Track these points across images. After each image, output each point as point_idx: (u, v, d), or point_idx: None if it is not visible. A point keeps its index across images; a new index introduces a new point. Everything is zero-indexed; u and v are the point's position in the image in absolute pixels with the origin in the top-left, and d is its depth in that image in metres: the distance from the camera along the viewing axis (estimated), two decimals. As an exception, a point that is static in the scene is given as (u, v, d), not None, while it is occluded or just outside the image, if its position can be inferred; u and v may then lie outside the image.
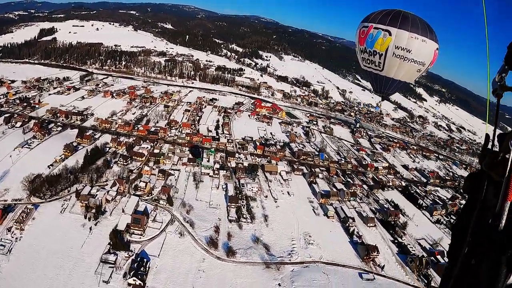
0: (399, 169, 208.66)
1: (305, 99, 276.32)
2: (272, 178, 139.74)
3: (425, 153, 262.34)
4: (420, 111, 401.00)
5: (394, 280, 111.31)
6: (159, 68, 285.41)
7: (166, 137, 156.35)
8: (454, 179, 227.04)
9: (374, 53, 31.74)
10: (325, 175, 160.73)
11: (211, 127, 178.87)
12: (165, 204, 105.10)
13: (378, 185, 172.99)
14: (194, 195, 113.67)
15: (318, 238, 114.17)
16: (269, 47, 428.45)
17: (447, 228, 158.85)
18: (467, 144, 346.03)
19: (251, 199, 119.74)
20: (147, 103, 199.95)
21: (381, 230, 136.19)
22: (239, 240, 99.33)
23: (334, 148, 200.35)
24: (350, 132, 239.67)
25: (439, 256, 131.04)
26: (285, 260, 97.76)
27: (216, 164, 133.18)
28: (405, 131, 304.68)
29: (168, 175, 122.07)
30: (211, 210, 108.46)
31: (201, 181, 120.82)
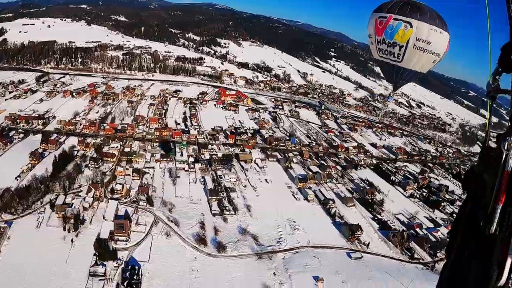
0: (368, 148, 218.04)
1: (268, 84, 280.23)
2: (248, 167, 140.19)
3: (390, 130, 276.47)
4: (380, 90, 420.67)
5: (380, 256, 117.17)
6: (117, 63, 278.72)
7: (135, 134, 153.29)
8: (421, 153, 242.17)
9: (394, 45, 32.61)
10: (299, 159, 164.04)
11: (179, 120, 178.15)
12: (145, 205, 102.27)
13: (351, 165, 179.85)
14: (173, 192, 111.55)
15: (303, 222, 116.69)
16: (227, 34, 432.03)
17: (421, 201, 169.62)
18: (428, 119, 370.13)
19: (231, 190, 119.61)
20: (109, 100, 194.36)
21: (360, 209, 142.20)
22: (227, 233, 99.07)
23: (303, 131, 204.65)
24: (316, 115, 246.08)
25: (418, 229, 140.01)
26: (274, 249, 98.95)
27: (190, 158, 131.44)
28: (368, 110, 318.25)
29: (143, 173, 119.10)
30: (193, 206, 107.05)
31: (177, 177, 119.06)
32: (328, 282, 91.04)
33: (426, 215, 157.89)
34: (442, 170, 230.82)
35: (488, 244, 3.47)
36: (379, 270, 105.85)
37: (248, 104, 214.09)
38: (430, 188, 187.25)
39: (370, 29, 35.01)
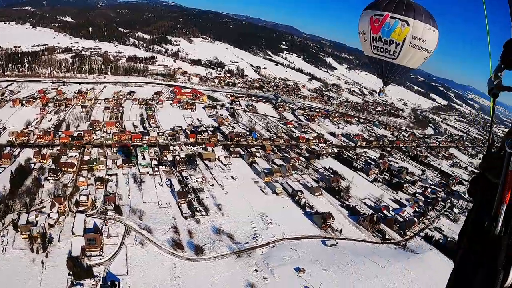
0: (327, 137, 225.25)
1: (222, 80, 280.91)
2: (212, 165, 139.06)
3: (347, 118, 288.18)
4: (333, 80, 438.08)
5: (353, 240, 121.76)
6: (67, 66, 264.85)
7: (93, 140, 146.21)
8: (378, 139, 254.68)
9: (391, 42, 34.15)
10: (262, 154, 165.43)
11: (136, 122, 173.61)
12: (114, 214, 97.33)
13: (314, 155, 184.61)
14: (140, 198, 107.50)
15: (275, 216, 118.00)
16: (177, 31, 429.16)
17: (384, 184, 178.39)
18: (381, 105, 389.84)
19: (199, 190, 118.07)
20: (61, 106, 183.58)
21: (328, 197, 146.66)
22: (201, 235, 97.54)
23: (262, 125, 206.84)
24: (273, 108, 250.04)
25: (385, 211, 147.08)
26: (252, 245, 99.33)
27: (153, 161, 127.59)
28: (323, 100, 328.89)
29: (106, 181, 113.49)
30: (163, 211, 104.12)
31: (142, 182, 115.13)
32: (309, 271, 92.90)
33: (390, 197, 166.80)
34: (400, 153, 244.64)
35: (493, 246, 3.49)
36: (355, 254, 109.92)
37: (204, 101, 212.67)
38: (391, 171, 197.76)
39: (363, 26, 36.32)
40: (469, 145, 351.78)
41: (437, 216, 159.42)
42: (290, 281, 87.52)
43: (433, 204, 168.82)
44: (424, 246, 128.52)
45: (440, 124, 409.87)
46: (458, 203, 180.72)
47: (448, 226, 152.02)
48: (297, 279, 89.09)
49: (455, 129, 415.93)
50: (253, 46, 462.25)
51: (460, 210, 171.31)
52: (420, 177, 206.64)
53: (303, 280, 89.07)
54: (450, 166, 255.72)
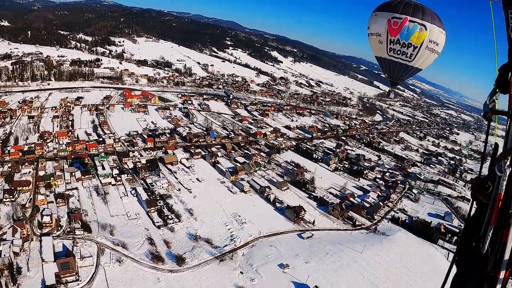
0: (283, 131, 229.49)
1: (171, 80, 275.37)
2: (175, 169, 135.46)
3: (299, 111, 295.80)
4: (280, 73, 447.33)
5: (327, 230, 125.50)
6: (7, 74, 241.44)
7: (45, 153, 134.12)
8: (332, 129, 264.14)
9: (409, 45, 35.79)
10: (224, 153, 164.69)
11: (89, 130, 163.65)
12: (82, 233, 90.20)
13: (274, 150, 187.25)
14: (107, 211, 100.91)
15: (247, 215, 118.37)
16: (120, 31, 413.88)
17: (345, 173, 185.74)
18: (329, 95, 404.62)
19: (166, 197, 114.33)
20: (6, 118, 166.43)
21: (294, 190, 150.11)
22: (179, 244, 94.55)
23: (218, 124, 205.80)
24: (225, 105, 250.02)
25: (351, 198, 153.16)
26: (231, 248, 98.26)
27: (114, 170, 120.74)
28: (273, 94, 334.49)
29: (68, 197, 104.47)
30: (133, 222, 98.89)
31: (106, 194, 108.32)
32: (293, 265, 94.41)
33: (353, 184, 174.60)
34: (354, 141, 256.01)
35: (480, 265, 3.77)
36: (331, 243, 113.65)
37: (156, 103, 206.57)
38: (350, 160, 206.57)
39: (378, 28, 37.31)
40: (416, 128, 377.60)
41: (399, 198, 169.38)
42: (277, 278, 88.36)
43: (394, 187, 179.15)
44: (392, 228, 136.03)
45: (387, 110, 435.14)
46: (416, 184, 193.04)
47: (410, 206, 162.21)
48: (283, 275, 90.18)
49: (401, 114, 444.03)
50: (198, 43, 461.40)
51: (419, 190, 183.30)
52: (377, 162, 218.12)
53: (289, 275, 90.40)
54: (402, 149, 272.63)
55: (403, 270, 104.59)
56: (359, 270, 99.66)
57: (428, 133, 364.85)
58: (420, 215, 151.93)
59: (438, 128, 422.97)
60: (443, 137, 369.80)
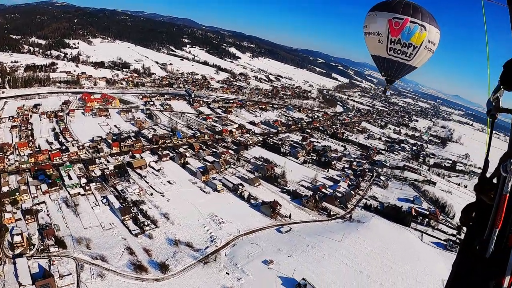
0: (249, 127, 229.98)
1: (130, 81, 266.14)
2: (144, 173, 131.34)
3: (261, 106, 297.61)
4: (239, 69, 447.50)
5: (304, 222, 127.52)
6: None
7: (6, 167, 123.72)
8: (296, 122, 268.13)
9: (409, 45, 37.09)
10: (192, 153, 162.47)
11: (50, 138, 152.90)
12: (57, 250, 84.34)
13: (242, 147, 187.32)
14: (79, 224, 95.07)
15: (224, 214, 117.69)
16: (74, 33, 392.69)
17: (314, 165, 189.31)
18: (290, 89, 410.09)
19: (140, 202, 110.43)
20: None
21: (267, 185, 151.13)
22: (159, 250, 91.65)
23: (183, 123, 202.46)
24: (188, 104, 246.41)
25: (323, 189, 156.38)
26: (213, 249, 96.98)
27: (81, 179, 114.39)
28: (234, 90, 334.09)
29: (36, 213, 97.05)
30: (109, 233, 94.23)
31: (76, 205, 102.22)
32: (277, 261, 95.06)
33: (323, 175, 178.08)
34: (319, 133, 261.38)
35: (485, 267, 3.68)
36: (310, 235, 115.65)
37: (117, 105, 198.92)
38: (317, 151, 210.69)
39: (378, 27, 38.09)
40: (377, 117, 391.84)
41: (369, 186, 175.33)
42: (263, 275, 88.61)
43: (362, 176, 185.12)
44: (366, 215, 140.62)
45: (347, 101, 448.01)
46: (382, 171, 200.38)
47: (380, 193, 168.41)
48: (269, 271, 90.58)
49: (361, 104, 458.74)
50: (155, 42, 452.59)
51: (386, 177, 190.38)
52: (343, 152, 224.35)
53: (274, 271, 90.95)
54: (366, 138, 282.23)
55: (382, 254, 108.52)
56: (341, 259, 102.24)
57: (388, 122, 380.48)
58: (390, 201, 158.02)
59: (398, 116, 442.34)
60: (403, 124, 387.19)
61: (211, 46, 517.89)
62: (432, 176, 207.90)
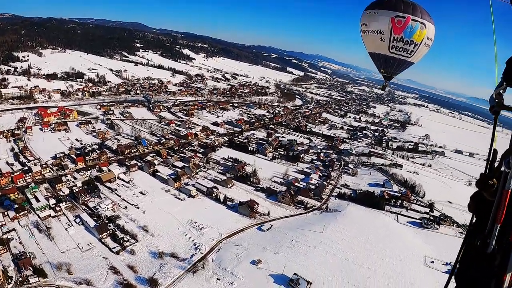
0: (212, 128, 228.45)
1: (86, 92, 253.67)
2: (114, 186, 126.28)
3: (221, 106, 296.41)
4: (195, 70, 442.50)
5: (283, 218, 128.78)
6: None
7: None
8: (258, 119, 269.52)
9: (411, 43, 38.22)
10: (160, 160, 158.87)
11: (10, 159, 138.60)
12: (38, 280, 78.10)
13: (209, 149, 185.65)
14: (56, 248, 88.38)
15: (203, 219, 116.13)
16: (23, 45, 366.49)
17: (283, 160, 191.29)
18: (247, 87, 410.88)
19: (115, 218, 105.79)
20: None
21: (240, 185, 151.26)
22: (145, 265, 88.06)
23: (146, 131, 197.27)
24: (148, 110, 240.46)
25: (296, 183, 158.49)
26: (198, 256, 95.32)
27: (50, 200, 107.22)
28: (192, 92, 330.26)
29: (8, 242, 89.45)
30: (88, 254, 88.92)
31: (49, 228, 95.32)
32: (265, 259, 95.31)
33: (294, 169, 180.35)
34: (283, 128, 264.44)
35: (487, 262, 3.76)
36: (292, 229, 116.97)
37: (76, 118, 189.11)
38: (284, 146, 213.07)
39: (379, 26, 38.72)
40: (336, 107, 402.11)
41: (339, 175, 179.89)
42: (254, 276, 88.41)
43: (331, 166, 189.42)
44: (341, 204, 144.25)
45: (305, 94, 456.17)
46: (350, 159, 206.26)
47: (351, 180, 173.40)
48: (259, 271, 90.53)
49: (319, 95, 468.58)
50: (107, 49, 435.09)
51: (354, 165, 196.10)
52: (309, 145, 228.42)
53: (264, 270, 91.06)
54: (328, 129, 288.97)
55: (363, 239, 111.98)
56: (325, 249, 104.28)
57: (348, 110, 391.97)
58: (362, 187, 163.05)
59: (356, 104, 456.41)
60: (362, 112, 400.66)
61: (164, 49, 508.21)
62: (398, 159, 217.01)
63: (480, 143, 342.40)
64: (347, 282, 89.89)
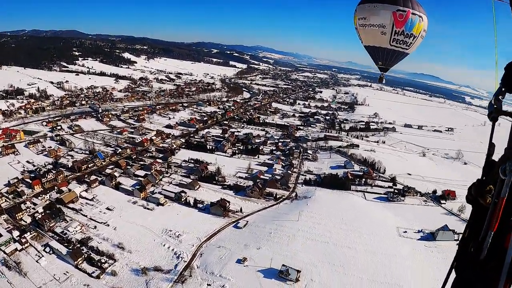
0: (167, 131, 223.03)
1: (29, 109, 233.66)
2: (78, 206, 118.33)
3: (171, 107, 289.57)
4: (138, 74, 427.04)
5: (257, 212, 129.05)
6: None
7: None
8: (211, 116, 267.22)
9: (411, 36, 39.02)
10: (120, 171, 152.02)
11: None
12: None
13: (168, 153, 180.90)
14: (31, 285, 79.10)
15: (177, 226, 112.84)
16: None
17: (243, 154, 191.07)
18: (193, 85, 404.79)
19: (87, 240, 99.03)
20: None
21: (207, 185, 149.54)
22: (131, 285, 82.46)
23: (99, 142, 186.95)
24: (97, 121, 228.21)
25: (262, 176, 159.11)
26: (182, 265, 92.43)
27: (13, 232, 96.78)
28: (139, 97, 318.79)
29: None
30: (68, 284, 79.97)
31: (18, 263, 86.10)
32: (249, 256, 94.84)
33: (255, 162, 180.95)
34: (236, 123, 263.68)
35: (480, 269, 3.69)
36: (268, 222, 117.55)
37: (22, 138, 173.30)
38: (242, 141, 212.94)
39: (381, 20, 38.79)
40: (284, 96, 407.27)
41: (300, 162, 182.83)
42: (243, 274, 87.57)
43: (292, 154, 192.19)
44: (309, 190, 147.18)
45: (252, 86, 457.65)
46: (307, 145, 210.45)
47: (313, 166, 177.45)
48: (247, 269, 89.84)
49: (265, 86, 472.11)
50: (44, 61, 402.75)
51: (313, 150, 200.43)
52: (266, 136, 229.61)
53: (251, 267, 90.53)
54: (281, 118, 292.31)
55: (337, 221, 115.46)
56: (305, 236, 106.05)
57: (296, 98, 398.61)
58: (325, 171, 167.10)
59: (302, 91, 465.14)
60: (310, 98, 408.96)
61: (104, 55, 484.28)
62: (353, 140, 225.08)
63: (425, 115, 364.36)
64: (333, 264, 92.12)
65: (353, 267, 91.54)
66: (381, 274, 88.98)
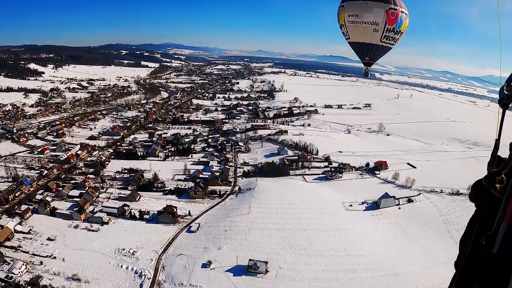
0: (91, 143, 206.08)
1: None
2: (15, 242, 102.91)
3: (90, 116, 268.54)
4: (48, 85, 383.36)
5: (204, 213, 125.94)
6: None
7: None
8: (134, 121, 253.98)
9: (399, 32, 39.78)
10: (52, 195, 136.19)
11: None
12: None
13: (100, 166, 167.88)
14: None
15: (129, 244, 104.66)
16: None
17: (175, 156, 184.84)
18: (108, 91, 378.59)
19: (36, 279, 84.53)
20: None
21: (148, 194, 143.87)
22: None
23: (21, 167, 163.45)
24: (13, 142, 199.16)
25: (201, 175, 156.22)
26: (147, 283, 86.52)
27: None
28: (54, 110, 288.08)
29: None
30: None
31: None
32: (213, 258, 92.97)
33: (191, 162, 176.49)
34: (162, 124, 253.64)
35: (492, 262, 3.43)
36: (220, 220, 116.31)
37: None
38: (171, 142, 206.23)
39: (374, 17, 38.62)
40: (202, 91, 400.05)
41: (234, 155, 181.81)
42: (213, 278, 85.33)
43: (224, 149, 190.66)
44: (251, 181, 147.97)
45: (168, 85, 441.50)
46: (237, 137, 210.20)
47: (248, 157, 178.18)
48: (215, 272, 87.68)
49: (182, 83, 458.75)
50: None
51: (244, 141, 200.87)
52: (194, 134, 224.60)
53: (219, 269, 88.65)
54: (204, 114, 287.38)
55: (286, 206, 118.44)
56: (260, 227, 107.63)
57: (215, 92, 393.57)
58: (260, 160, 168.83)
59: (220, 84, 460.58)
60: (228, 90, 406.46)
61: (8, 68, 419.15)
62: (280, 126, 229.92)
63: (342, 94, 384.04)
64: (295, 248, 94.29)
65: (313, 247, 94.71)
66: (341, 248, 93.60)
